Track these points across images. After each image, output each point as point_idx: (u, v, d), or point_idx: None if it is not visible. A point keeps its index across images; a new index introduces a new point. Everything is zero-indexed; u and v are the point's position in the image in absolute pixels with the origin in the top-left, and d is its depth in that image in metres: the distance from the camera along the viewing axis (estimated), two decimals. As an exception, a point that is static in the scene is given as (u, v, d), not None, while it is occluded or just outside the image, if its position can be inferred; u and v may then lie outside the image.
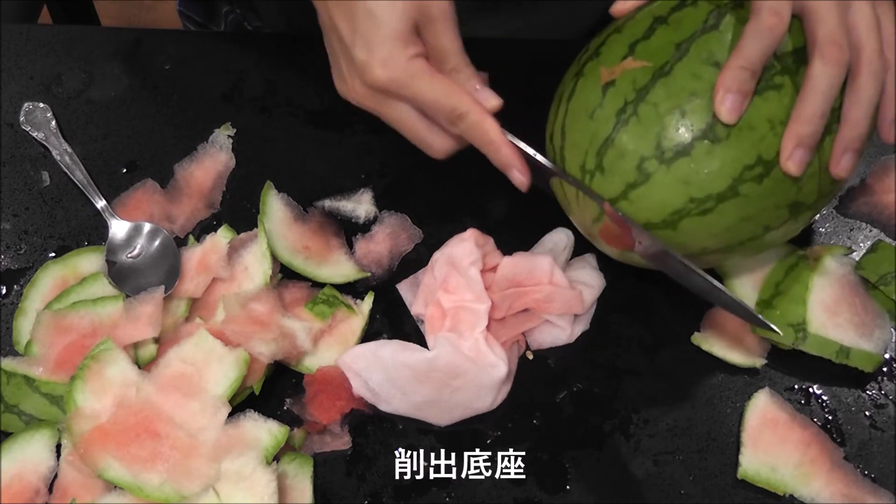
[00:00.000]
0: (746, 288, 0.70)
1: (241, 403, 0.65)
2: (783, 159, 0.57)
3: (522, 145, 0.63)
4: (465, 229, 0.70)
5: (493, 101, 0.63)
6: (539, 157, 0.63)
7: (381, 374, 0.65)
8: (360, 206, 0.77)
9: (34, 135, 0.79)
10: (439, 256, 0.70)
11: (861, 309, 0.68)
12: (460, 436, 0.66)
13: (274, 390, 0.67)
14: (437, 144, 0.64)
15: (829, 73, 0.57)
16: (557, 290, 0.68)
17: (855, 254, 0.73)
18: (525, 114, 0.66)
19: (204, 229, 0.75)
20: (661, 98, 0.58)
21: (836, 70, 0.57)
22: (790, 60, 0.58)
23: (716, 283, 0.61)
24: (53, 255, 0.74)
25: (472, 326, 0.65)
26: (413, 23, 0.61)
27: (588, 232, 0.66)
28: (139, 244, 0.72)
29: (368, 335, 0.70)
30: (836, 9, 0.57)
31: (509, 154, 0.63)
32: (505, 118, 0.67)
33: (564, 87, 0.65)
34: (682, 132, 0.58)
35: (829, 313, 0.67)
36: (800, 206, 0.61)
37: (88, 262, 0.72)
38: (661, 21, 0.60)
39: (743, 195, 0.58)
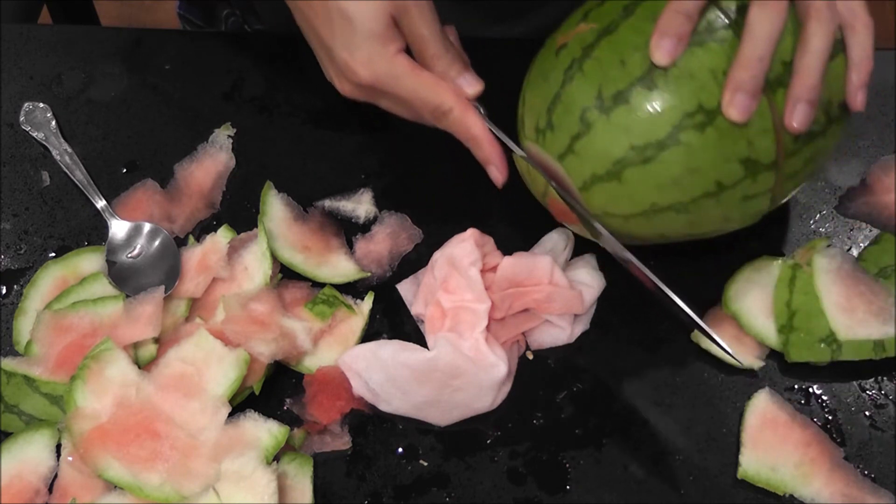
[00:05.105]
0: (760, 319, 0.68)
1: (241, 403, 0.65)
2: (724, 105, 0.58)
3: (493, 128, 0.65)
4: (465, 229, 0.70)
5: (475, 86, 0.64)
6: (505, 139, 0.65)
7: (381, 374, 0.65)
8: (360, 206, 0.77)
9: (34, 135, 0.79)
10: (439, 256, 0.70)
11: (872, 296, 0.67)
12: (460, 436, 0.66)
13: (274, 390, 0.67)
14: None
15: (767, 17, 0.57)
16: (557, 290, 0.68)
17: (837, 245, 0.73)
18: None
19: (204, 229, 0.75)
20: (604, 53, 0.60)
21: (773, 14, 0.57)
22: (736, 16, 0.59)
23: (657, 281, 0.62)
24: (53, 255, 0.74)
25: (472, 326, 0.65)
26: (390, 17, 0.62)
27: (542, 202, 0.68)
28: (139, 244, 0.72)
29: (368, 335, 0.70)
30: None
31: (490, 151, 0.65)
32: (504, 117, 0.67)
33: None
34: (621, 80, 0.59)
35: (847, 313, 0.66)
36: (756, 165, 0.60)
37: (88, 262, 0.72)
38: None
39: (685, 144, 0.59)
